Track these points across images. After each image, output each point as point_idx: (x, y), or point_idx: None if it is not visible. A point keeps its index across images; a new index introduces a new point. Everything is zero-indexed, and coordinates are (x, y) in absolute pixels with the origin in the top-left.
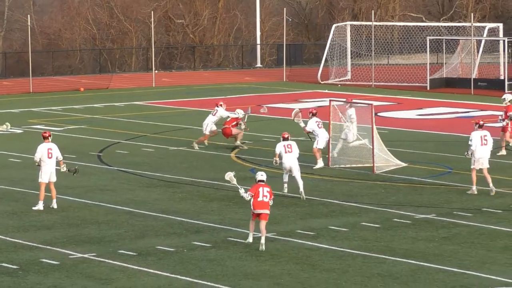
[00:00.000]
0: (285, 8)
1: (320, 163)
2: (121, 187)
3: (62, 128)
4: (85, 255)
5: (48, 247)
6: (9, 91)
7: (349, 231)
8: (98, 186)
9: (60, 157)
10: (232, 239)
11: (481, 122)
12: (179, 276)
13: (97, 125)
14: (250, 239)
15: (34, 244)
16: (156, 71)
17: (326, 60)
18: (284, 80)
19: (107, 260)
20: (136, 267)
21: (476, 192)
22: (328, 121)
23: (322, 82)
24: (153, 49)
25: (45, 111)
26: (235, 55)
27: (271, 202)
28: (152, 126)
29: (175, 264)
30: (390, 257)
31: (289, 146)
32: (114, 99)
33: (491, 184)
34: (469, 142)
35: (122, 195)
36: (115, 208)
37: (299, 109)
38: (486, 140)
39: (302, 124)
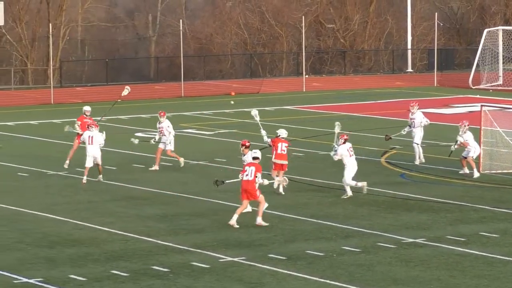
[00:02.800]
0: (436, 13)
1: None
2: (271, 191)
3: (213, 132)
4: (235, 259)
5: (198, 250)
6: (161, 95)
7: (500, 237)
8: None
9: None
10: (382, 244)
11: None
12: (328, 281)
13: (247, 129)
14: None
15: (185, 248)
16: (307, 76)
17: (477, 65)
18: (435, 85)
19: (257, 264)
20: (286, 271)
21: None
22: (479, 126)
23: (473, 87)
24: (303, 54)
25: (196, 115)
26: (385, 60)
27: None
28: (302, 130)
29: (324, 269)
30: None
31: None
32: (265, 104)
33: None
34: None
35: (272, 199)
36: (265, 212)
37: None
38: None
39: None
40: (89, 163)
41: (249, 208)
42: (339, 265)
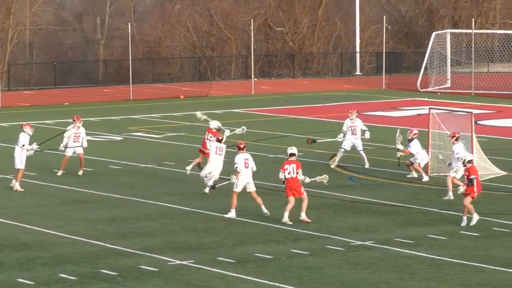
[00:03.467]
0: (384, 16)
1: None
2: (220, 194)
3: (161, 136)
4: (184, 262)
5: (147, 253)
6: (110, 98)
7: (447, 240)
8: (197, 193)
9: (255, 168)
10: (330, 247)
11: (458, 135)
12: (277, 284)
13: (196, 133)
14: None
15: (133, 251)
16: (255, 79)
17: (425, 68)
18: (384, 88)
19: (205, 267)
20: (235, 274)
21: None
22: (427, 129)
23: (421, 90)
24: (252, 57)
25: (145, 118)
26: (334, 63)
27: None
28: (251, 133)
29: (273, 272)
30: (489, 266)
31: None
32: (214, 107)
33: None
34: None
35: (222, 203)
36: (214, 215)
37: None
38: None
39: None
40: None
41: (233, 214)
42: (288, 268)
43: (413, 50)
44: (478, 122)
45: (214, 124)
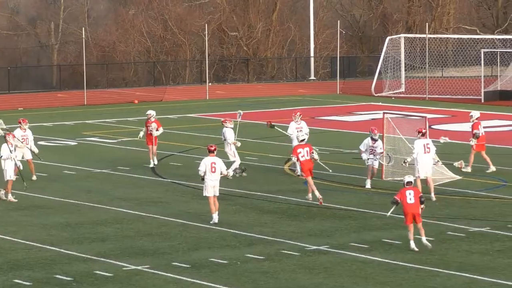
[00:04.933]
0: (338, 21)
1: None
2: (175, 199)
3: (116, 140)
4: (139, 267)
5: (102, 259)
6: (64, 103)
7: (402, 244)
8: (151, 198)
9: (225, 171)
10: (285, 251)
11: (424, 130)
12: None
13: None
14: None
15: (88, 256)
16: (210, 84)
17: (380, 73)
18: (338, 92)
19: (160, 272)
20: (190, 279)
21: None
22: (382, 134)
23: (376, 95)
24: (207, 62)
25: (99, 123)
26: (288, 68)
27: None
28: (206, 138)
29: (228, 277)
30: (444, 270)
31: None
32: (168, 112)
33: (432, 193)
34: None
35: (175, 207)
36: (168, 220)
37: None
38: (428, 148)
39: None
40: None
41: (215, 219)
42: (243, 273)
43: (367, 55)
44: (432, 126)
45: None
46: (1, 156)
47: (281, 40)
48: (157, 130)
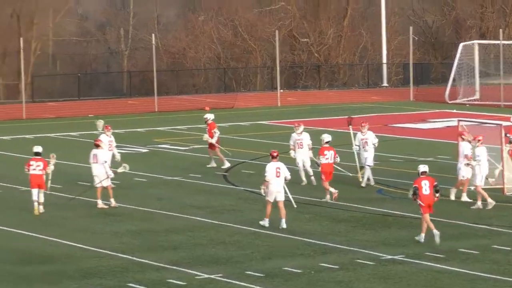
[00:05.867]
0: (411, 27)
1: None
2: (247, 207)
3: (187, 148)
4: (212, 276)
5: (174, 267)
6: (134, 110)
7: (480, 254)
8: (224, 206)
9: (289, 176)
10: (360, 261)
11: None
12: None
13: (222, 145)
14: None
15: (161, 265)
16: (281, 90)
17: (453, 80)
18: (411, 99)
19: (234, 281)
20: None
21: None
22: (457, 141)
23: (450, 102)
24: (278, 68)
25: (170, 130)
26: (360, 74)
27: None
28: (278, 145)
29: (302, 286)
30: None
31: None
32: (239, 119)
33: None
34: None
35: (248, 215)
36: (241, 229)
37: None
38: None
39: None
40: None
41: (265, 223)
42: (317, 282)
43: (440, 62)
44: (508, 135)
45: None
46: (105, 162)
47: (352, 46)
48: (213, 132)
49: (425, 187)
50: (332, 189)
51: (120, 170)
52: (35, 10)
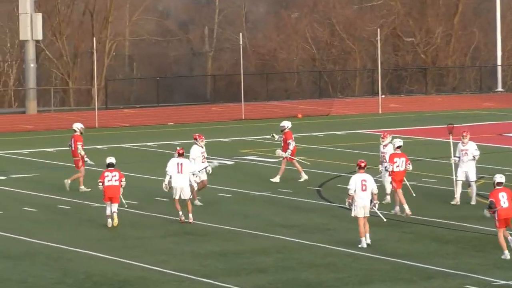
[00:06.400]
0: None
1: None
2: (343, 226)
3: (277, 160)
4: None
5: None
6: (219, 117)
7: None
8: (316, 225)
9: (376, 190)
10: (469, 286)
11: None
12: None
13: (316, 156)
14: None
15: None
16: (383, 96)
17: None
18: None
19: None
20: None
21: None
22: None
23: None
24: (379, 71)
25: (258, 140)
26: (472, 78)
27: None
28: (378, 157)
29: None
30: None
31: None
32: (335, 127)
33: None
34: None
35: (343, 235)
36: (335, 250)
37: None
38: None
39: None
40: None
41: (363, 243)
42: None
43: None
44: None
45: None
46: (192, 173)
47: (463, 46)
48: (288, 143)
49: (503, 199)
50: (406, 207)
51: (208, 168)
52: (110, 7)
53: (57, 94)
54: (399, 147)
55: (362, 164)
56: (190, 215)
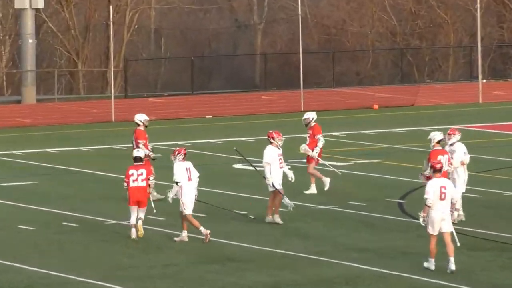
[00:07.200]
0: None
1: None
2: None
3: (346, 163)
4: None
5: None
6: (271, 108)
7: None
8: (396, 248)
9: (456, 199)
10: None
11: None
12: None
13: (396, 159)
14: None
15: None
16: (484, 81)
17: None
18: None
19: None
20: None
21: None
22: None
23: None
24: (479, 49)
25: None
26: None
27: None
28: (476, 161)
29: None
30: None
31: None
32: (422, 121)
33: None
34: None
35: (435, 261)
36: (420, 280)
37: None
38: None
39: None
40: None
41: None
42: None
43: None
44: None
45: None
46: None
47: None
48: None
49: None
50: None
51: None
52: None
53: (63, 79)
54: (439, 141)
55: (438, 166)
56: (185, 232)
